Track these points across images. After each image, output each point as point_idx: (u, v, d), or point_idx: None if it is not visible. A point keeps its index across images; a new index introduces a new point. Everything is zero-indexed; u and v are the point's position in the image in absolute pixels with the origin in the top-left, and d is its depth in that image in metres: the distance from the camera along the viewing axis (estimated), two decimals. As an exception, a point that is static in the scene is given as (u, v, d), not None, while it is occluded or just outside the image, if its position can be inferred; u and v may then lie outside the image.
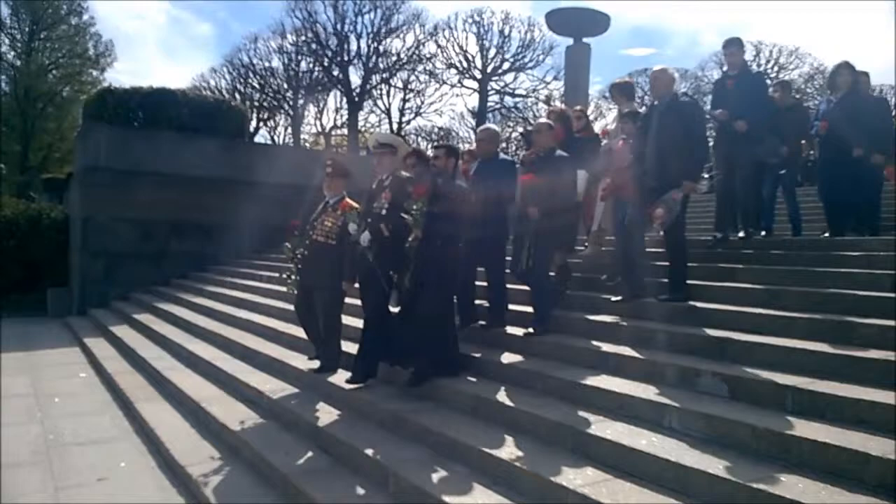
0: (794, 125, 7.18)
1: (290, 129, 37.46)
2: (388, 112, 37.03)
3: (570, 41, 18.24)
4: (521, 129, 28.53)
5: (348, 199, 5.78)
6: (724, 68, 6.84)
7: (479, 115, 35.15)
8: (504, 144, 34.64)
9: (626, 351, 4.55)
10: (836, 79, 7.16)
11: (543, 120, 6.00)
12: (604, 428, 3.67)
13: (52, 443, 5.43)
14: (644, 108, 6.32)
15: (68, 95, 35.90)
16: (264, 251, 12.99)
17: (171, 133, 13.57)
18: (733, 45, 6.58)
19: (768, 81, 8.28)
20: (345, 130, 36.67)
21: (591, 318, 5.33)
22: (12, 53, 34.90)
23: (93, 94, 15.27)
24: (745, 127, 6.14)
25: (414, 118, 37.51)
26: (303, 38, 33.95)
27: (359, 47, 34.55)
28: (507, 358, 5.04)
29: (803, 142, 7.35)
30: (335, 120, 37.11)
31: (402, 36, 34.97)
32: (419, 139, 38.10)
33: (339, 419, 4.84)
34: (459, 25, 34.65)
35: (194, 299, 10.78)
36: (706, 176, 6.29)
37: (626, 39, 58.24)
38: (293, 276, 5.98)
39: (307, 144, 35.71)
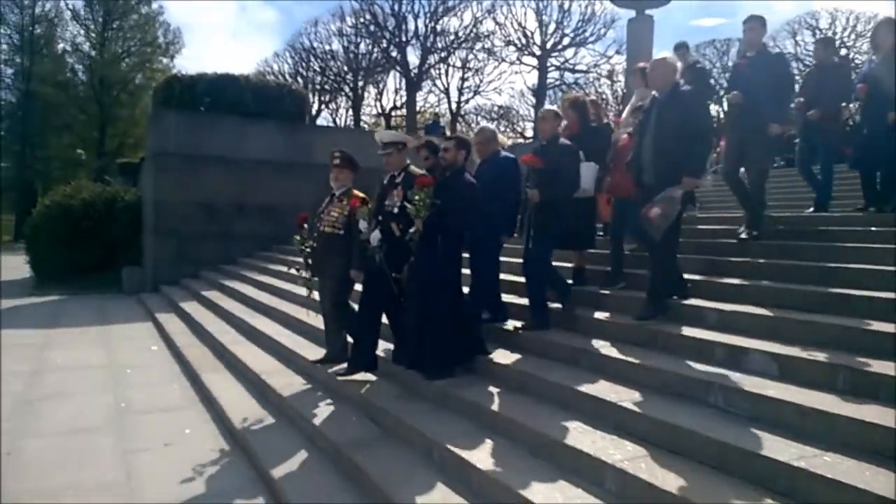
0: (835, 86, 6.76)
1: (350, 112, 37.94)
2: (446, 91, 37.08)
3: (633, 14, 17.74)
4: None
5: (355, 191, 5.68)
6: (744, 48, 6.20)
7: (539, 92, 34.72)
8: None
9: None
10: (875, 37, 6.65)
11: (550, 107, 5.75)
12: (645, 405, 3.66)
13: (122, 410, 5.78)
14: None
15: (140, 83, 37.36)
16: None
17: (236, 117, 13.98)
18: (753, 21, 5.97)
19: (793, 62, 7.90)
20: (404, 111, 36.86)
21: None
22: (87, 44, 36.53)
23: (161, 81, 15.78)
24: (738, 98, 5.76)
25: (473, 97, 37.41)
26: (361, 20, 34.26)
27: (416, 27, 34.68)
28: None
29: (843, 105, 6.82)
30: (395, 101, 37.38)
31: (459, 14, 34.92)
32: (479, 118, 38.01)
33: (389, 393, 4.98)
34: (518, 1, 34.30)
35: (258, 277, 11.15)
36: (711, 170, 5.79)
37: (694, 9, 56.26)
38: (301, 271, 5.97)
39: (366, 126, 36.07)
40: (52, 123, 35.12)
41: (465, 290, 5.35)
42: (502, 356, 4.93)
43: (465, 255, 5.34)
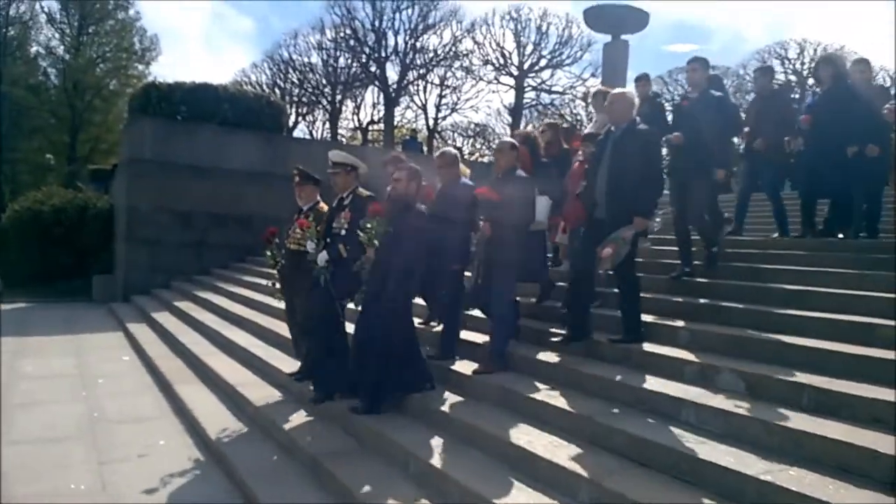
0: (776, 113, 6.85)
1: (327, 125, 37.95)
2: (424, 108, 37.28)
3: (608, 38, 18.14)
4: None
5: (321, 205, 5.70)
6: (688, 89, 6.22)
7: (515, 111, 35.12)
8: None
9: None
10: (818, 72, 6.92)
11: (507, 139, 5.71)
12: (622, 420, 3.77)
13: (95, 420, 5.73)
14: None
15: (114, 89, 36.81)
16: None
17: (213, 127, 13.94)
18: (695, 62, 5.94)
19: (734, 100, 8.04)
20: (381, 126, 36.99)
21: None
22: (62, 48, 36.02)
23: (138, 88, 15.69)
24: (680, 140, 5.67)
25: (450, 114, 37.67)
26: (341, 34, 34.41)
27: (396, 43, 34.90)
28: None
29: (787, 138, 6.82)
30: (372, 115, 37.49)
31: (439, 32, 35.19)
32: (455, 135, 38.25)
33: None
34: (497, 22, 34.74)
35: (232, 288, 11.09)
36: (660, 212, 5.73)
37: (667, 35, 57.40)
38: (277, 284, 6.00)
39: (344, 140, 36.09)
40: (22, 126, 34.47)
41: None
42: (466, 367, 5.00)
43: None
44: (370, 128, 37.33)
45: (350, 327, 5.18)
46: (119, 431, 5.44)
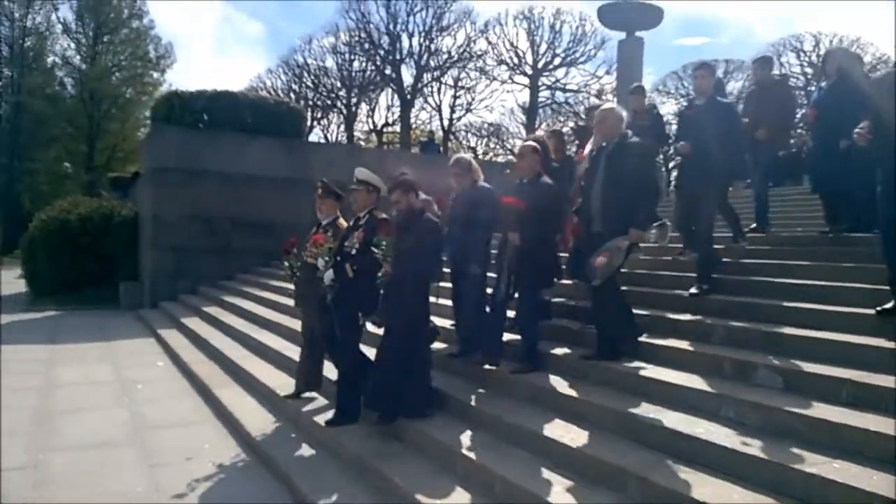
0: (776, 104, 6.90)
1: (342, 128, 38.20)
2: (438, 109, 37.46)
3: (623, 35, 18.16)
4: (571, 125, 28.43)
5: (341, 221, 5.63)
6: (691, 95, 6.27)
7: (530, 110, 35.23)
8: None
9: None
10: (824, 66, 6.86)
11: (529, 142, 5.57)
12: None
13: (140, 425, 5.89)
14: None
15: (130, 97, 37.36)
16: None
17: (235, 133, 14.14)
18: (703, 69, 5.91)
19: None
20: (396, 128, 37.19)
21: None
22: (78, 57, 36.53)
23: (160, 97, 15.92)
24: (687, 150, 5.65)
25: (465, 114, 37.84)
26: (356, 37, 34.64)
27: (410, 46, 35.15)
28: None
29: (794, 128, 7.00)
30: (386, 118, 37.72)
31: (453, 34, 35.37)
32: (469, 135, 38.39)
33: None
34: (510, 22, 34.90)
35: (259, 293, 11.26)
36: (656, 224, 5.54)
37: (678, 29, 57.22)
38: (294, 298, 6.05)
39: (361, 142, 36.34)
40: (40, 136, 35.02)
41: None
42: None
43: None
44: (385, 130, 37.53)
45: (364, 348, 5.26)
46: (164, 436, 5.60)
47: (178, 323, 10.78)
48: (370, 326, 5.21)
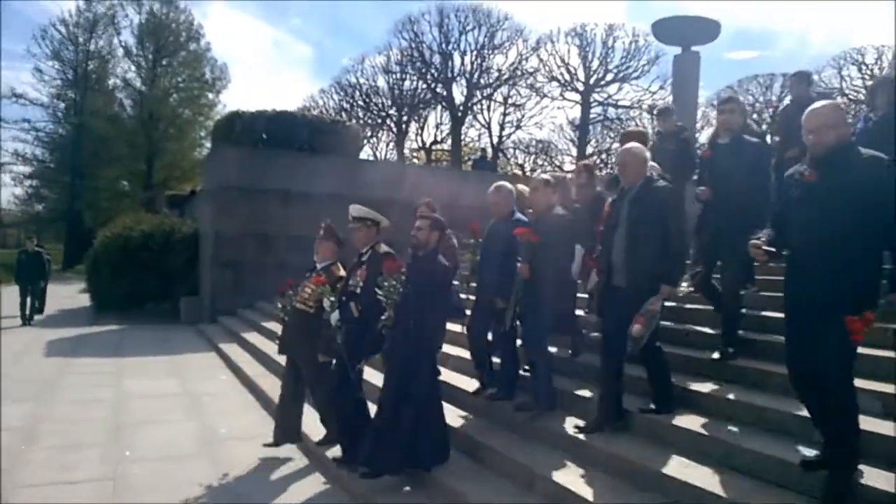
0: None
1: (390, 146, 38.65)
2: (488, 126, 37.61)
3: (678, 50, 17.87)
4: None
5: (336, 266, 5.40)
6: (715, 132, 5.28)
7: (582, 127, 35.04)
8: (604, 156, 34.37)
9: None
10: (874, 98, 5.83)
11: (541, 175, 5.38)
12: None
13: (210, 438, 5.97)
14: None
15: (187, 117, 38.46)
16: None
17: (293, 152, 14.39)
18: (731, 103, 5.16)
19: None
20: (444, 145, 37.48)
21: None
22: (139, 80, 37.83)
23: (222, 117, 16.29)
24: (709, 196, 5.01)
25: (514, 131, 37.90)
26: (408, 56, 35.11)
27: (462, 64, 35.46)
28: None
29: None
30: (435, 135, 38.04)
31: (504, 52, 35.59)
32: (517, 152, 38.39)
33: (478, 425, 5.09)
34: (561, 38, 34.86)
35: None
36: (686, 276, 5.11)
37: (729, 42, 56.51)
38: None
39: (416, 160, 36.72)
40: (101, 155, 36.32)
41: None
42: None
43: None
44: (433, 148, 37.82)
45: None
46: (235, 448, 5.66)
47: (238, 337, 10.95)
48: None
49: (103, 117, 35.88)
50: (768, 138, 6.89)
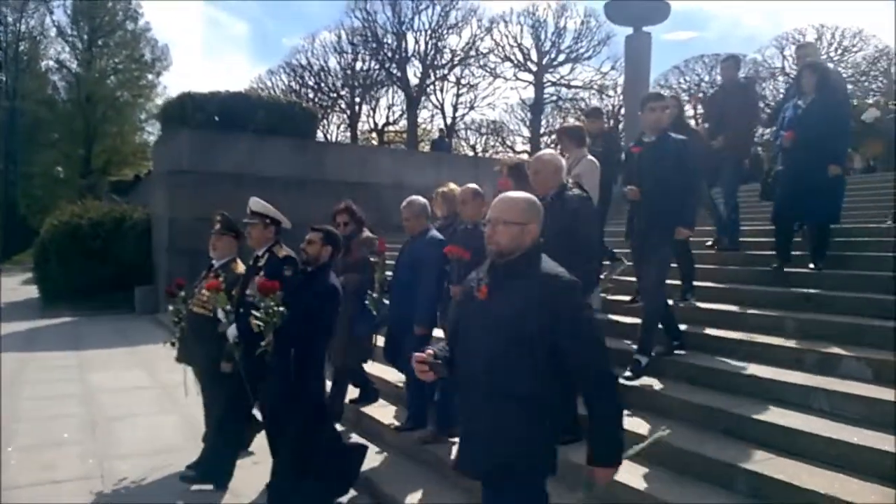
0: (743, 107, 6.46)
1: (341, 128, 38.11)
2: (441, 108, 37.49)
3: (629, 30, 18.13)
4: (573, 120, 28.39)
5: (237, 263, 4.86)
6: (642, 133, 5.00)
7: (535, 107, 35.23)
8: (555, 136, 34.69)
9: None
10: (801, 81, 5.80)
11: (469, 185, 4.82)
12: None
13: (195, 430, 5.80)
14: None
15: (127, 100, 37.08)
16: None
17: (248, 135, 14.02)
18: (656, 100, 4.80)
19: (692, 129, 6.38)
20: (396, 126, 37.20)
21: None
22: (75, 62, 36.23)
23: (173, 98, 15.71)
24: (635, 195, 4.77)
25: (468, 112, 37.89)
26: (359, 36, 34.53)
27: (417, 44, 35.12)
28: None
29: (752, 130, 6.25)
30: (387, 117, 37.68)
31: (458, 32, 35.41)
32: (468, 133, 38.41)
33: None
34: (514, 19, 34.92)
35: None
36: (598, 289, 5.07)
37: (666, 24, 57.29)
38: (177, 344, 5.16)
39: (375, 142, 36.31)
40: (37, 141, 34.78)
41: None
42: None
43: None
44: (386, 129, 37.47)
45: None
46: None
47: (203, 326, 10.66)
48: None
49: (37, 100, 34.33)
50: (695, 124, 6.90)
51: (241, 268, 4.79)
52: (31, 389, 7.26)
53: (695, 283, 5.75)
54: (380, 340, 5.50)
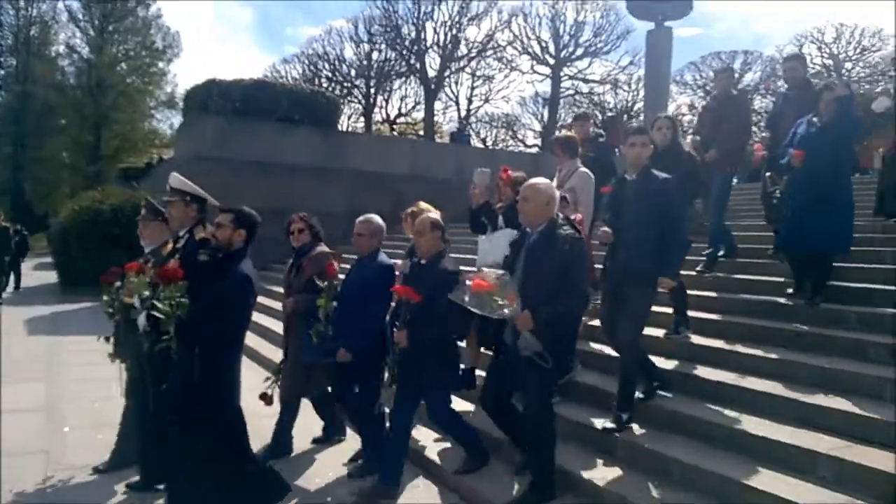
0: (736, 120, 6.38)
1: (352, 118, 38.07)
2: (456, 100, 37.50)
3: (650, 25, 18.12)
4: (601, 118, 28.30)
5: (169, 246, 4.34)
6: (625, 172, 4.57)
7: (552, 101, 35.18)
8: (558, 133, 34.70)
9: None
10: (822, 98, 5.34)
11: (428, 216, 4.40)
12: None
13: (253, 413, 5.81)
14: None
15: (137, 86, 36.96)
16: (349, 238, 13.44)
17: (271, 123, 14.02)
18: (639, 135, 4.39)
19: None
20: (410, 118, 37.18)
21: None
22: (86, 48, 36.10)
23: (197, 85, 15.64)
24: (608, 238, 4.37)
25: (483, 105, 37.92)
26: (377, 26, 34.49)
27: (436, 35, 35.06)
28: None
29: (757, 149, 6.08)
30: (400, 108, 37.68)
31: (478, 24, 35.35)
32: (479, 125, 38.37)
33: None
34: (533, 11, 34.89)
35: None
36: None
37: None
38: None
39: (395, 132, 36.32)
40: (46, 126, 34.69)
41: None
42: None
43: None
44: (398, 120, 37.44)
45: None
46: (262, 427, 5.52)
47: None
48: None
49: (47, 85, 34.21)
50: (689, 139, 6.73)
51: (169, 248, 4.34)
52: (72, 372, 7.26)
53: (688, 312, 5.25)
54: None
